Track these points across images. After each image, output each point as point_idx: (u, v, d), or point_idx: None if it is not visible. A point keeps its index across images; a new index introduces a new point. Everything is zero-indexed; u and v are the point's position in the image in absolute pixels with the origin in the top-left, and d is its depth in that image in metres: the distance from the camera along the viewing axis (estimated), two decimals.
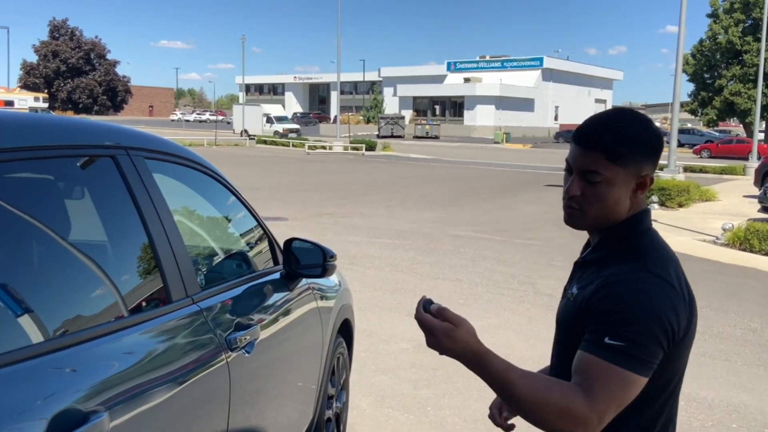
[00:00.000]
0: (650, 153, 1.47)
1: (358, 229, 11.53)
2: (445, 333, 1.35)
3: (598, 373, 1.34)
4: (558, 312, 1.64)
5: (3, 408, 1.17)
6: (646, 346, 1.34)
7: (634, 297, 1.36)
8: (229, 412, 1.96)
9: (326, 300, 3.14)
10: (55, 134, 1.63)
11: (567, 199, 1.51)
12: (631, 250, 1.47)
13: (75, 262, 1.64)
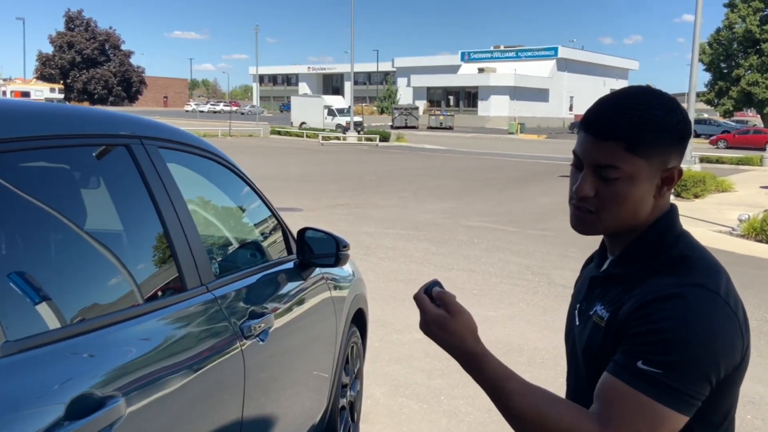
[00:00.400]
0: (678, 140, 1.23)
1: (371, 220, 11.54)
2: (436, 321, 1.21)
3: (622, 402, 1.13)
4: (572, 337, 1.37)
5: (24, 391, 1.19)
6: (689, 379, 1.11)
7: (682, 316, 1.12)
8: (243, 400, 1.97)
9: (340, 289, 3.15)
10: (70, 123, 1.65)
11: (576, 201, 1.26)
12: (671, 260, 1.21)
13: (91, 250, 1.66)
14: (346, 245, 2.70)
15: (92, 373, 1.35)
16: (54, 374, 1.28)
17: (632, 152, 1.20)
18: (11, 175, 1.45)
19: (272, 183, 15.70)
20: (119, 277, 1.71)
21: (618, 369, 1.14)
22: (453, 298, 1.23)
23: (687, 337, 1.10)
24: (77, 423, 1.22)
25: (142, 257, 1.86)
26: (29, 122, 1.49)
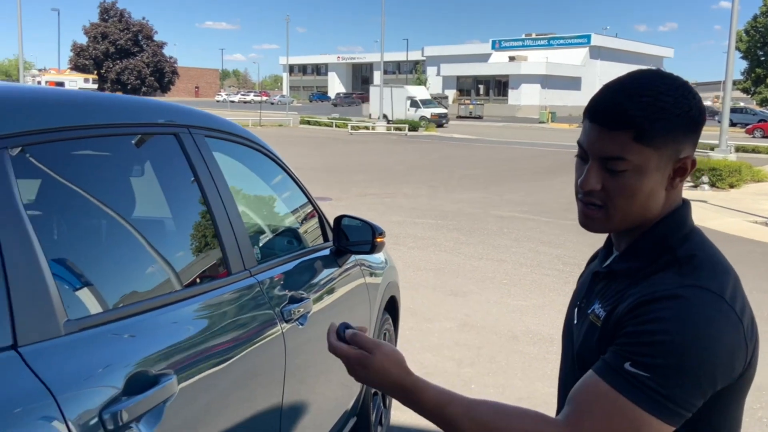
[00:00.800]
0: (691, 128, 1.13)
1: (401, 209, 11.58)
2: (358, 361, 1.14)
3: (598, 402, 1.03)
4: (569, 335, 1.29)
5: (86, 367, 1.26)
6: (679, 386, 1.01)
7: (680, 318, 1.03)
8: (284, 382, 2.04)
9: (374, 277, 3.21)
10: (125, 112, 1.72)
11: (582, 195, 1.18)
12: (677, 258, 1.12)
13: (144, 236, 1.73)
14: (382, 233, 2.75)
15: (146, 352, 1.42)
16: (112, 352, 1.35)
17: (641, 142, 1.10)
18: (70, 163, 1.52)
19: (302, 172, 15.69)
20: (169, 261, 1.78)
21: (603, 368, 1.05)
22: (364, 336, 1.18)
23: (682, 341, 1.01)
24: (135, 398, 1.29)
25: (191, 242, 1.93)
26: (87, 111, 1.57)
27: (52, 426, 1.10)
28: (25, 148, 1.32)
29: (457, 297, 6.48)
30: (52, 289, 1.24)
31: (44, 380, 1.13)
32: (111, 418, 1.22)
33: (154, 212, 1.92)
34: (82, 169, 1.59)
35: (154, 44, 64.69)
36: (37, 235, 1.24)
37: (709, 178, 15.07)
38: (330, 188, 13.88)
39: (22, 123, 1.33)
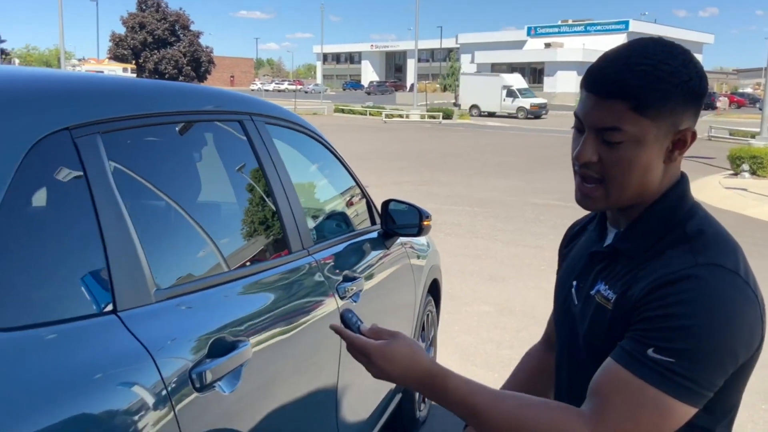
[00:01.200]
0: (692, 98, 1.08)
1: (436, 197, 11.65)
2: (382, 353, 1.11)
3: (624, 393, 1.01)
4: (570, 318, 1.22)
5: (176, 330, 1.39)
6: (705, 368, 1.00)
7: (701, 301, 1.00)
8: (340, 355, 2.16)
9: (418, 259, 3.31)
10: (195, 100, 1.84)
11: (578, 168, 1.14)
12: (685, 235, 1.08)
13: (216, 217, 1.87)
14: (429, 216, 2.85)
15: (224, 320, 1.55)
16: (195, 319, 1.48)
17: (638, 112, 1.06)
18: (148, 147, 1.65)
19: None
20: (238, 239, 1.92)
21: (624, 356, 1.02)
22: (383, 328, 1.16)
23: (705, 323, 0.99)
24: (217, 361, 1.42)
25: (255, 223, 2.06)
26: (165, 99, 1.69)
27: (151, 380, 1.24)
28: (113, 133, 1.45)
29: (495, 282, 6.55)
30: (143, 262, 1.36)
31: (142, 341, 1.26)
32: (198, 377, 1.35)
33: (223, 194, 2.05)
34: (158, 153, 1.72)
35: (190, 34, 65.39)
36: (129, 214, 1.37)
37: (750, 166, 14.81)
38: (365, 176, 13.94)
39: (109, 110, 1.46)
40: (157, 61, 62.99)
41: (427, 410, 3.74)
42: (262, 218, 2.05)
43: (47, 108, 1.30)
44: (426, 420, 3.70)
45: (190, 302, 1.48)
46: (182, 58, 63.39)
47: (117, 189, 1.35)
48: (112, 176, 1.36)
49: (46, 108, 1.30)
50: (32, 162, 1.18)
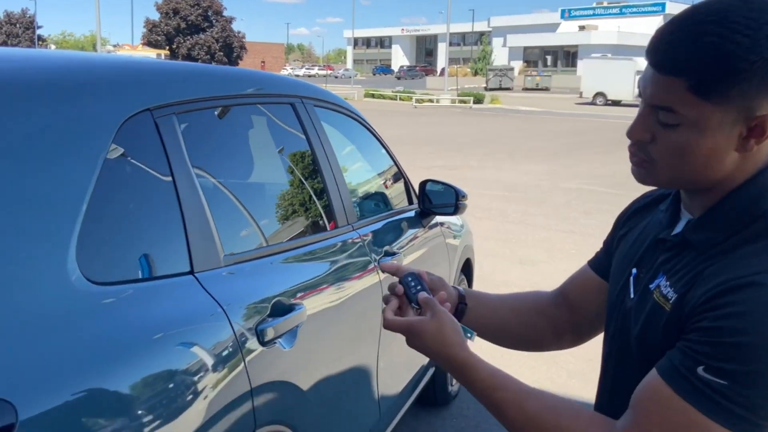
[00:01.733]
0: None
1: (467, 181, 11.73)
2: (415, 331, 1.09)
3: (664, 412, 0.89)
4: (622, 311, 1.09)
5: (243, 291, 1.56)
6: (762, 397, 0.85)
7: (761, 314, 0.84)
8: (380, 328, 2.30)
9: (453, 239, 3.44)
10: (253, 84, 2.00)
11: (630, 144, 1.00)
12: (764, 233, 0.91)
13: (272, 192, 2.04)
14: (465, 195, 2.97)
15: (283, 285, 1.71)
16: (259, 282, 1.64)
17: (697, 94, 0.89)
18: (215, 127, 1.81)
19: None
20: (291, 213, 2.08)
21: (670, 371, 0.89)
22: (433, 302, 1.11)
23: (761, 343, 0.84)
24: (278, 319, 1.59)
25: (305, 198, 2.22)
26: (228, 83, 1.86)
27: (225, 332, 1.40)
28: (186, 114, 1.61)
29: (525, 265, 6.65)
30: (213, 230, 1.53)
31: (216, 298, 1.42)
32: (263, 333, 1.51)
33: (278, 172, 2.22)
34: (223, 132, 1.88)
35: (223, 19, 65.87)
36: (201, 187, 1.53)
37: None
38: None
39: (182, 93, 1.61)
40: (190, 46, 63.60)
41: (459, 386, 3.88)
42: (312, 195, 2.20)
43: (131, 91, 1.46)
44: (458, 394, 3.85)
45: (253, 267, 1.65)
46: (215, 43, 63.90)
47: (191, 165, 1.51)
48: (186, 153, 1.52)
49: (130, 91, 1.45)
50: (121, 139, 1.34)
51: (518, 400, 1.01)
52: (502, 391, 1.03)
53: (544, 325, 1.32)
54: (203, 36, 63.97)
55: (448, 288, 1.29)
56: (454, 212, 2.96)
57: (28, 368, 1.01)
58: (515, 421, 1.01)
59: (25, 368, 1.00)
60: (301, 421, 1.67)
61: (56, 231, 1.14)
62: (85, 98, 1.33)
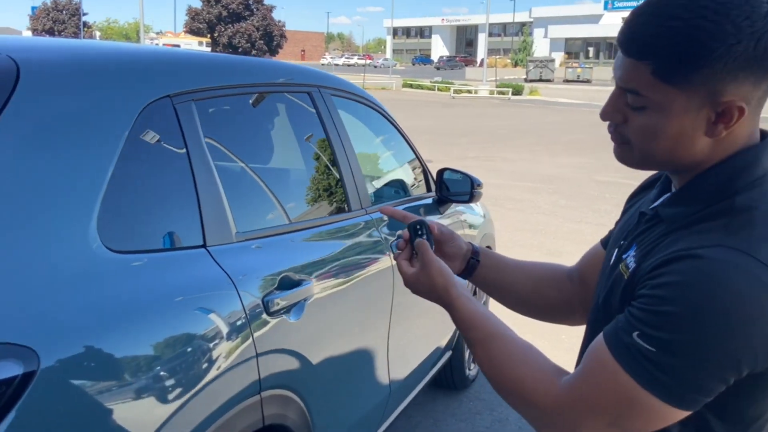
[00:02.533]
0: (742, 65, 0.87)
1: (501, 173, 11.74)
2: (413, 278, 1.20)
3: (598, 371, 0.92)
4: (600, 279, 1.14)
5: (251, 265, 1.68)
6: (690, 370, 0.85)
7: (703, 291, 0.84)
8: (391, 310, 2.41)
9: (471, 227, 3.52)
10: (269, 73, 2.12)
11: (608, 125, 1.03)
12: (729, 209, 0.92)
13: (286, 175, 2.15)
14: (480, 184, 3.05)
15: (292, 262, 1.83)
16: (268, 258, 1.76)
17: (660, 78, 0.90)
18: (230, 114, 1.93)
19: None
20: (304, 195, 2.20)
21: (611, 335, 0.92)
22: (426, 250, 1.19)
23: (695, 314, 0.84)
24: (286, 292, 1.71)
25: (320, 182, 2.33)
26: (245, 72, 1.98)
27: (233, 301, 1.53)
28: (204, 101, 1.73)
29: (553, 257, 6.67)
30: (227, 208, 1.65)
31: (226, 270, 1.54)
32: (269, 304, 1.63)
33: (292, 157, 2.33)
34: (238, 119, 2.00)
35: (264, 8, 66.41)
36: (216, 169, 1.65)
37: None
38: (431, 151, 14.17)
39: (201, 81, 1.73)
40: (231, 35, 64.27)
41: (477, 369, 3.96)
42: (325, 179, 2.32)
43: (153, 78, 1.58)
44: (476, 378, 3.93)
45: (263, 244, 1.77)
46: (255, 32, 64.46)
47: (207, 148, 1.64)
48: (203, 137, 1.64)
49: (152, 78, 1.58)
50: (143, 122, 1.46)
51: (486, 342, 1.05)
52: (475, 330, 1.07)
53: (556, 296, 1.36)
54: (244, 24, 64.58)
55: (458, 240, 1.35)
56: (469, 200, 3.04)
57: (51, 322, 1.14)
58: (481, 363, 1.06)
59: (48, 321, 1.13)
60: (307, 390, 1.79)
61: (80, 203, 1.27)
62: (110, 84, 1.46)
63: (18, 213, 1.17)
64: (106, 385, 1.19)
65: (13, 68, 1.28)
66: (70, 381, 1.13)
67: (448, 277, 1.15)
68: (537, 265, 1.43)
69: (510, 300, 1.39)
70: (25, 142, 1.23)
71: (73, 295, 1.19)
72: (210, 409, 1.41)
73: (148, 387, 1.27)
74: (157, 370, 1.29)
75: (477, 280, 1.37)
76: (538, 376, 0.99)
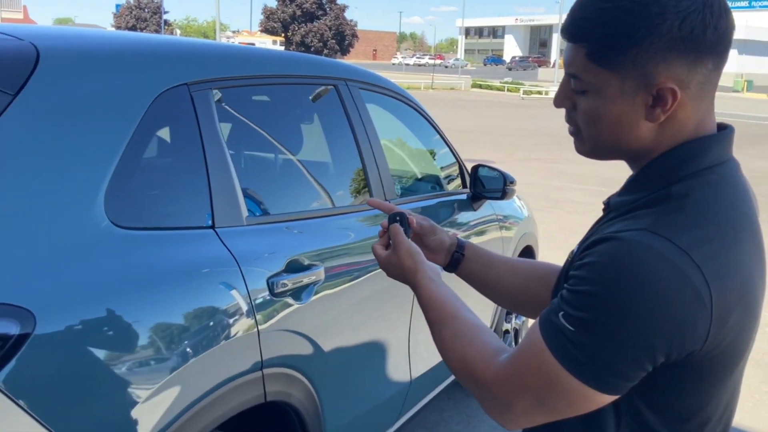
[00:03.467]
0: (672, 46, 0.88)
1: (564, 175, 11.54)
2: (385, 261, 1.27)
3: (530, 349, 0.94)
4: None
5: (259, 248, 1.74)
6: (604, 350, 0.86)
7: (613, 273, 0.86)
8: (413, 304, 2.43)
9: (508, 227, 3.50)
10: (294, 65, 2.19)
11: (564, 115, 1.04)
12: (665, 196, 0.93)
13: (304, 165, 2.22)
14: (513, 181, 3.04)
15: (302, 247, 1.89)
16: (277, 243, 1.82)
17: (593, 60, 0.93)
18: (252, 104, 2.01)
19: (468, 135, 16.09)
20: (322, 185, 2.25)
21: (544, 314, 0.94)
22: (399, 234, 1.24)
23: (606, 294, 0.86)
24: (293, 275, 1.77)
25: (340, 173, 2.39)
26: (265, 63, 2.05)
27: (236, 282, 1.60)
28: (221, 90, 1.81)
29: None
30: (238, 193, 1.72)
31: (231, 251, 1.62)
32: (273, 285, 1.69)
33: (313, 147, 2.40)
34: (257, 109, 2.08)
35: (337, 8, 67.21)
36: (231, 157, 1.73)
37: None
38: (495, 151, 14.06)
39: (220, 70, 1.81)
40: (304, 34, 65.32)
41: None
42: (346, 170, 2.37)
43: (172, 66, 1.67)
44: None
45: (274, 229, 1.83)
46: (327, 31, 65.30)
47: (222, 135, 1.71)
48: (219, 125, 1.72)
49: (171, 66, 1.67)
50: (157, 107, 1.55)
51: (440, 322, 1.08)
52: (433, 311, 1.10)
53: (544, 292, 1.33)
54: (317, 24, 65.52)
55: (440, 234, 1.39)
56: (502, 197, 3.03)
57: (52, 288, 1.23)
58: (436, 342, 1.08)
59: (49, 288, 1.22)
60: (315, 372, 1.84)
61: (88, 180, 1.37)
62: (126, 71, 1.56)
63: (29, 186, 1.27)
64: (101, 350, 1.28)
65: (33, 54, 1.39)
66: (66, 344, 1.22)
67: (417, 259, 1.19)
68: (528, 263, 1.44)
69: (497, 295, 1.41)
70: (39, 123, 1.33)
71: (76, 265, 1.28)
72: (208, 382, 1.48)
73: (144, 356, 1.36)
74: (153, 340, 1.37)
75: (462, 273, 1.39)
76: (481, 353, 1.00)
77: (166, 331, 1.40)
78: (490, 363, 0.98)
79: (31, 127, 1.31)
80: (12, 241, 1.21)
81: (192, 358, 1.44)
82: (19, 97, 1.30)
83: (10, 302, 1.14)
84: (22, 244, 1.22)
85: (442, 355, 1.07)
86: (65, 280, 1.25)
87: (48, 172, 1.31)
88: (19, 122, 1.29)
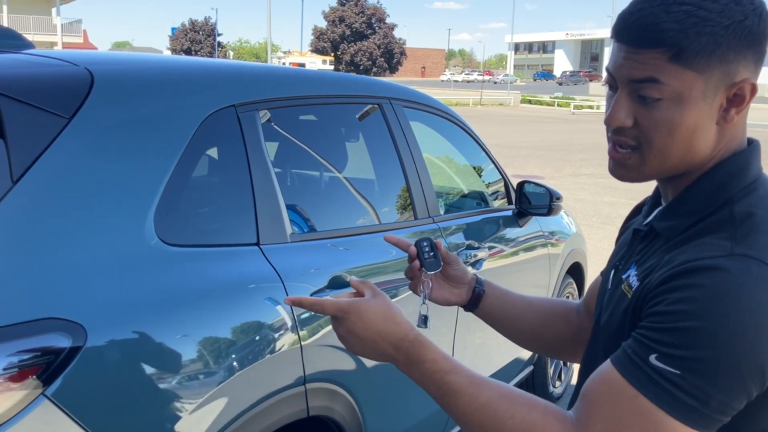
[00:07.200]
0: (749, 42, 0.89)
1: (616, 191, 11.33)
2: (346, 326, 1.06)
3: (614, 401, 0.86)
4: (600, 305, 1.08)
5: (302, 264, 1.77)
6: (716, 387, 0.81)
7: (715, 299, 0.82)
8: (457, 320, 2.43)
9: (555, 244, 3.46)
10: (339, 86, 2.23)
11: (611, 134, 0.98)
12: (730, 217, 0.90)
13: (349, 182, 2.25)
14: (560, 197, 3.01)
15: (346, 264, 1.91)
16: (322, 259, 1.85)
17: (679, 63, 0.89)
18: (298, 124, 2.05)
19: (517, 151, 15.98)
20: (366, 202, 2.28)
21: (623, 359, 0.87)
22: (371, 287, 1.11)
23: (719, 328, 0.80)
24: (334, 291, 1.79)
25: (384, 190, 2.41)
26: (311, 84, 2.10)
27: (280, 298, 1.63)
28: (268, 111, 1.86)
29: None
30: (283, 212, 1.76)
31: (276, 267, 1.65)
32: None
33: (358, 166, 2.43)
34: (303, 129, 2.12)
35: (385, 26, 67.94)
36: (276, 175, 1.77)
37: None
38: (544, 167, 13.92)
39: (266, 92, 1.86)
40: (353, 53, 66.15)
41: (563, 388, 3.87)
42: (391, 188, 2.39)
43: (219, 89, 1.73)
44: (561, 397, 3.83)
45: (317, 246, 1.86)
46: (376, 50, 65.98)
47: (268, 155, 1.76)
48: (265, 144, 1.76)
49: (218, 89, 1.73)
50: (205, 129, 1.61)
51: (472, 386, 0.96)
52: (455, 375, 0.98)
53: (564, 329, 1.32)
54: (366, 43, 66.28)
55: (463, 266, 1.37)
56: (548, 213, 3.01)
57: (103, 303, 1.28)
58: (467, 407, 0.96)
59: (99, 303, 1.27)
60: (357, 387, 1.86)
61: (138, 199, 1.43)
62: (176, 95, 1.61)
63: (82, 206, 1.34)
64: (150, 364, 1.32)
65: (88, 79, 1.46)
66: (116, 358, 1.27)
67: (402, 317, 1.08)
68: (544, 300, 1.41)
69: (520, 334, 1.36)
70: (93, 145, 1.39)
71: (126, 281, 1.33)
72: (252, 396, 1.51)
73: (190, 370, 1.39)
74: (200, 353, 1.41)
75: (483, 311, 1.35)
76: (545, 419, 0.92)
77: (213, 345, 1.44)
78: (560, 426, 0.90)
79: (85, 149, 1.37)
80: (65, 257, 1.27)
81: (237, 372, 1.47)
82: (74, 120, 1.37)
83: (61, 317, 1.19)
84: (75, 261, 1.28)
85: (486, 425, 0.95)
86: (115, 295, 1.30)
87: (100, 191, 1.37)
88: (74, 144, 1.35)
